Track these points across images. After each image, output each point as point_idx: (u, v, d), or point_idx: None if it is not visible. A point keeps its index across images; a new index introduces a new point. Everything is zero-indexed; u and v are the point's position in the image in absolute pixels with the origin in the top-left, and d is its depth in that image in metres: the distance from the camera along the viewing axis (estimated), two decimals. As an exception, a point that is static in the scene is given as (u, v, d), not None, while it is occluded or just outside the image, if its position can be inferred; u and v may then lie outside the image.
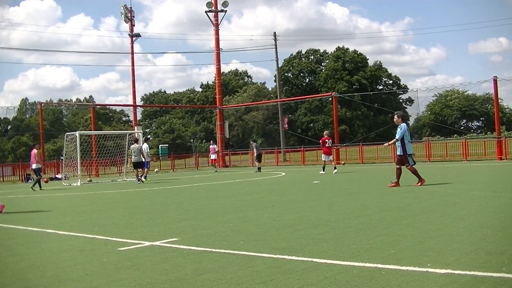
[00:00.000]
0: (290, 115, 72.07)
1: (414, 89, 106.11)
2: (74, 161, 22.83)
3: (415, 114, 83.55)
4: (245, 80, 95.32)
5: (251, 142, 29.76)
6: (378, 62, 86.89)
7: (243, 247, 5.72)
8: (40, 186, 19.25)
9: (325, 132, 23.09)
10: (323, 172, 21.30)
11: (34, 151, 19.57)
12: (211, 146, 31.08)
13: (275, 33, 46.75)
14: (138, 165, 20.95)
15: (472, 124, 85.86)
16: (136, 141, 21.73)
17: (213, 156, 30.67)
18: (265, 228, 7.07)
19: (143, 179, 22.31)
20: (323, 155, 22.13)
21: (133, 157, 20.88)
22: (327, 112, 74.70)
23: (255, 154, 27.44)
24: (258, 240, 6.12)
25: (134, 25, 44.44)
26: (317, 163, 33.80)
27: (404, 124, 12.65)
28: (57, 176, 28.78)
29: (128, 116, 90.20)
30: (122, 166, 25.94)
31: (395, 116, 12.99)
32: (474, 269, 4.30)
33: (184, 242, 6.18)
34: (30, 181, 28.68)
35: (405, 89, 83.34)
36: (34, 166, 19.42)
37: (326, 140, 21.83)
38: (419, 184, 12.44)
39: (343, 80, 78.76)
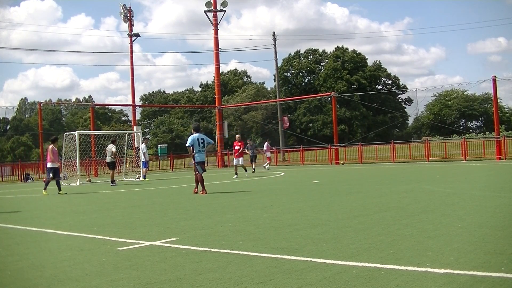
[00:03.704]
0: (289, 115, 72.03)
1: (413, 89, 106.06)
2: (73, 161, 22.81)
3: (414, 114, 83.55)
4: (244, 80, 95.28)
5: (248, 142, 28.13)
6: (377, 62, 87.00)
7: (242, 247, 5.72)
8: (59, 188, 16.16)
9: (237, 137, 22.96)
10: (236, 176, 21.08)
11: (50, 147, 16.47)
12: (267, 144, 29.99)
13: (274, 33, 46.74)
14: (110, 165, 20.52)
15: (471, 124, 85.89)
16: (114, 141, 21.39)
17: (268, 154, 29.63)
18: (264, 228, 7.07)
19: (144, 179, 22.26)
20: (234, 159, 21.81)
21: (107, 157, 20.54)
22: (326, 112, 74.74)
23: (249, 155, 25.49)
24: (257, 240, 6.12)
25: (133, 25, 44.36)
26: (316, 163, 33.84)
27: (195, 134, 13.49)
28: (56, 176, 28.70)
29: (127, 116, 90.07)
30: (121, 166, 25.92)
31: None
32: (473, 268, 4.31)
33: (183, 242, 6.18)
34: (29, 181, 28.69)
35: (404, 89, 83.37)
36: (48, 164, 16.33)
37: (237, 146, 21.73)
38: (201, 193, 13.15)
39: (342, 80, 78.77)
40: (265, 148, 30.18)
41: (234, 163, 21.81)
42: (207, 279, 4.40)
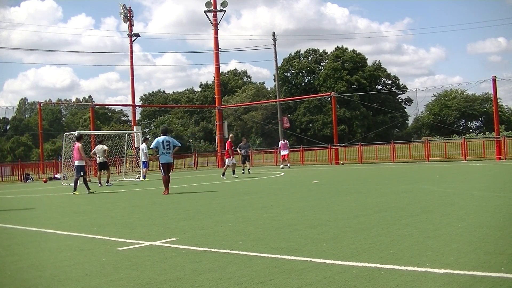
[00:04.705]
0: (289, 115, 72.06)
1: (413, 89, 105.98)
2: (73, 161, 22.77)
3: (414, 114, 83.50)
4: (244, 80, 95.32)
5: (242, 139, 26.58)
6: (377, 62, 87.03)
7: (242, 247, 5.72)
8: (88, 187, 15.95)
9: (231, 136, 22.72)
10: (250, 174, 20.98)
11: (78, 144, 16.36)
12: (282, 142, 29.31)
13: (274, 33, 46.82)
14: (102, 166, 19.93)
15: (471, 124, 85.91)
16: (101, 142, 21.06)
17: (283, 152, 28.72)
18: (264, 228, 7.07)
19: (143, 179, 22.17)
20: (229, 159, 21.55)
21: (97, 158, 19.95)
22: (326, 112, 74.74)
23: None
24: (257, 240, 6.12)
25: (133, 25, 44.35)
26: (316, 163, 33.83)
27: (161, 137, 14.10)
28: (56, 176, 28.77)
29: (127, 116, 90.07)
30: (121, 166, 25.93)
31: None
32: (473, 269, 4.31)
33: (183, 242, 6.18)
34: (29, 181, 28.69)
35: (404, 89, 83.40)
36: (76, 163, 16.28)
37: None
38: (165, 193, 13.80)
39: (342, 80, 78.78)
40: (279, 146, 29.58)
41: (233, 163, 21.75)
42: (207, 279, 4.41)
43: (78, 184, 16.13)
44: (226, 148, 21.73)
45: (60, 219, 9.46)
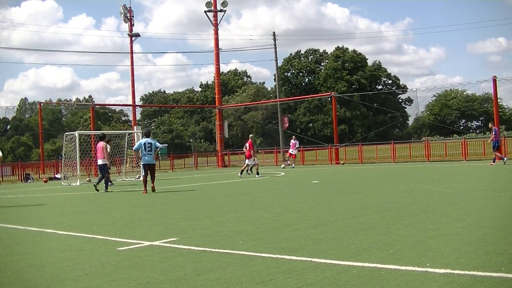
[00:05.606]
0: (289, 115, 72.05)
1: (413, 89, 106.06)
2: (73, 161, 22.80)
3: (415, 114, 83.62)
4: (244, 80, 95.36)
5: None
6: (377, 62, 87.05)
7: (242, 247, 5.72)
8: (106, 186, 16.31)
9: (251, 136, 22.66)
10: (250, 174, 21.17)
11: (102, 144, 16.98)
12: (292, 141, 29.01)
13: (274, 33, 46.73)
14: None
15: (472, 124, 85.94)
16: (108, 141, 20.82)
17: (293, 151, 28.79)
18: (264, 228, 7.06)
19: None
20: (252, 158, 21.53)
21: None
22: (326, 112, 74.77)
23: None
24: (257, 240, 6.12)
25: (133, 25, 44.33)
26: (316, 163, 33.84)
27: (143, 139, 14.95)
28: (56, 176, 28.77)
29: (128, 116, 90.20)
30: (121, 166, 25.92)
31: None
32: (473, 268, 4.30)
33: (183, 242, 6.18)
34: (29, 181, 28.69)
35: (404, 89, 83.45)
36: (100, 161, 16.84)
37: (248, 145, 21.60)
38: (143, 192, 14.57)
39: (342, 80, 78.80)
40: (290, 144, 29.53)
41: (252, 163, 21.78)
42: (207, 279, 4.40)
43: (104, 181, 16.42)
44: (247, 148, 21.70)
45: (60, 219, 9.46)
